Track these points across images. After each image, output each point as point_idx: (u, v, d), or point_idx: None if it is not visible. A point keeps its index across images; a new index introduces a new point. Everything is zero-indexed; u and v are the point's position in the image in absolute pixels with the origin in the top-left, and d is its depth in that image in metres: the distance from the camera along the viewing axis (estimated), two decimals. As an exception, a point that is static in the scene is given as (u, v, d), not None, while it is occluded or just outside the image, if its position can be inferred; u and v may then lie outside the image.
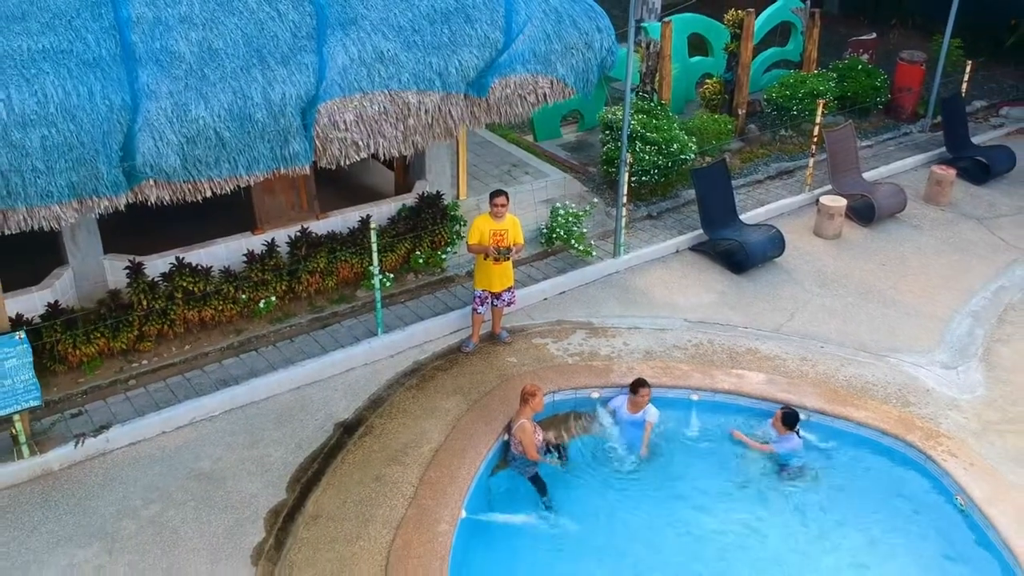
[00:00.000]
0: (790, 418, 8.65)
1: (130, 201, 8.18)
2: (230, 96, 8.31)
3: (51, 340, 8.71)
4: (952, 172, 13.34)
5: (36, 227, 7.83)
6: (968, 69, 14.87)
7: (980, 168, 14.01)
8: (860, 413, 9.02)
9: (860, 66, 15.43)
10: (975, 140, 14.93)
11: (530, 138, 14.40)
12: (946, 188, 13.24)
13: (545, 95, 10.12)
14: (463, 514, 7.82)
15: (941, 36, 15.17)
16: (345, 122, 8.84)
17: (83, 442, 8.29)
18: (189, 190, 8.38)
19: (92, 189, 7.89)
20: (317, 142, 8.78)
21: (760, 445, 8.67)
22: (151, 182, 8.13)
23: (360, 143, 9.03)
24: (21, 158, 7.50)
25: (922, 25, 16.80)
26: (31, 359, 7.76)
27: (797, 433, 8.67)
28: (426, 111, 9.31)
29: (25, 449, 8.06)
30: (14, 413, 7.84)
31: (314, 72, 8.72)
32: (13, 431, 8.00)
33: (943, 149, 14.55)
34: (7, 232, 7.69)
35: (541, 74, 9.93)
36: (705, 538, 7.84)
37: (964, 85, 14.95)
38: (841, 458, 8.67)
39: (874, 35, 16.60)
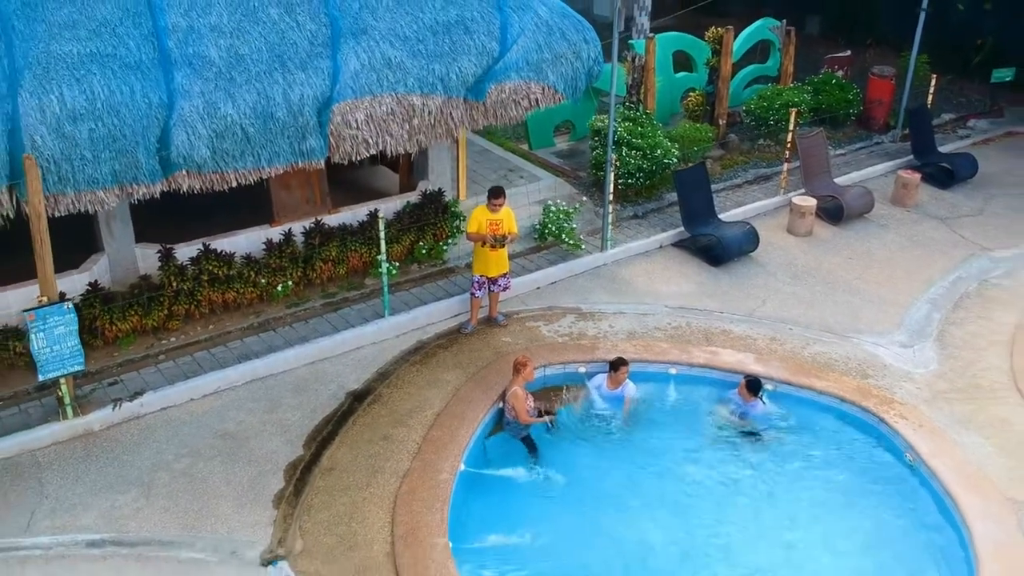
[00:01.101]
0: (754, 385, 9.55)
1: (164, 189, 9.16)
2: (254, 96, 9.31)
3: (91, 316, 9.62)
4: (917, 176, 14.32)
5: (82, 210, 8.80)
6: (933, 83, 15.89)
7: (945, 173, 14.99)
8: (822, 383, 9.93)
9: (834, 80, 16.47)
10: (943, 149, 15.92)
11: (525, 146, 15.37)
12: (912, 191, 14.22)
13: (537, 100, 11.11)
14: (462, 467, 8.71)
15: (910, 53, 16.21)
16: (356, 121, 9.83)
17: (120, 406, 9.19)
18: (217, 180, 9.35)
19: (132, 177, 8.87)
20: (331, 139, 9.77)
21: (739, 422, 9.52)
22: (184, 172, 9.11)
23: (370, 140, 10.02)
24: (71, 148, 8.48)
25: (895, 44, 17.82)
26: (77, 327, 8.67)
27: (761, 399, 9.57)
28: (429, 112, 10.31)
29: (69, 410, 8.95)
30: (61, 376, 8.74)
31: (329, 76, 9.72)
32: (59, 393, 8.90)
33: (911, 156, 15.54)
34: (57, 214, 8.64)
35: (533, 81, 10.92)
36: (678, 488, 8.72)
37: (930, 97, 15.98)
38: (803, 421, 9.56)
39: (849, 53, 17.66)
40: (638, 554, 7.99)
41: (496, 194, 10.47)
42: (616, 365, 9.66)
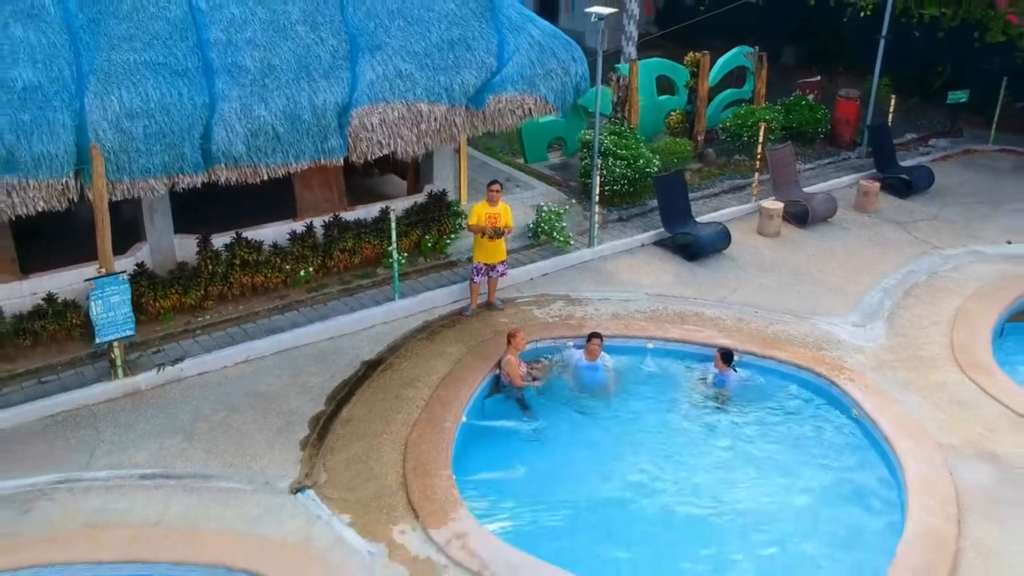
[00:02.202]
0: (727, 356, 10.80)
1: (205, 180, 10.49)
2: (284, 101, 10.67)
3: (137, 293, 10.88)
4: (877, 184, 15.68)
5: (136, 195, 10.13)
6: (893, 103, 17.31)
7: (904, 184, 16.34)
8: (782, 354, 11.18)
9: (804, 102, 17.89)
10: (904, 163, 17.29)
11: (521, 161, 16.74)
12: (872, 197, 15.56)
13: (530, 110, 12.49)
14: (463, 419, 9.94)
15: (882, 79, 17.62)
16: (371, 124, 11.20)
17: (163, 369, 10.43)
18: (250, 173, 10.69)
19: (178, 168, 10.21)
20: (350, 139, 11.13)
21: (715, 389, 10.74)
22: (222, 165, 10.44)
23: (383, 142, 11.38)
24: (128, 141, 9.82)
25: (862, 70, 19.20)
26: (130, 297, 9.94)
27: (734, 368, 10.81)
28: (435, 119, 11.67)
29: (120, 371, 10.19)
30: (115, 340, 9.99)
31: (348, 85, 11.10)
32: (112, 356, 10.14)
33: (874, 170, 16.88)
34: (114, 198, 9.95)
35: (527, 93, 12.29)
36: (651, 438, 9.94)
37: (890, 116, 17.38)
38: (766, 385, 10.79)
39: (819, 78, 19.10)
40: (611, 487, 9.19)
41: (493, 183, 11.82)
42: (590, 338, 10.89)
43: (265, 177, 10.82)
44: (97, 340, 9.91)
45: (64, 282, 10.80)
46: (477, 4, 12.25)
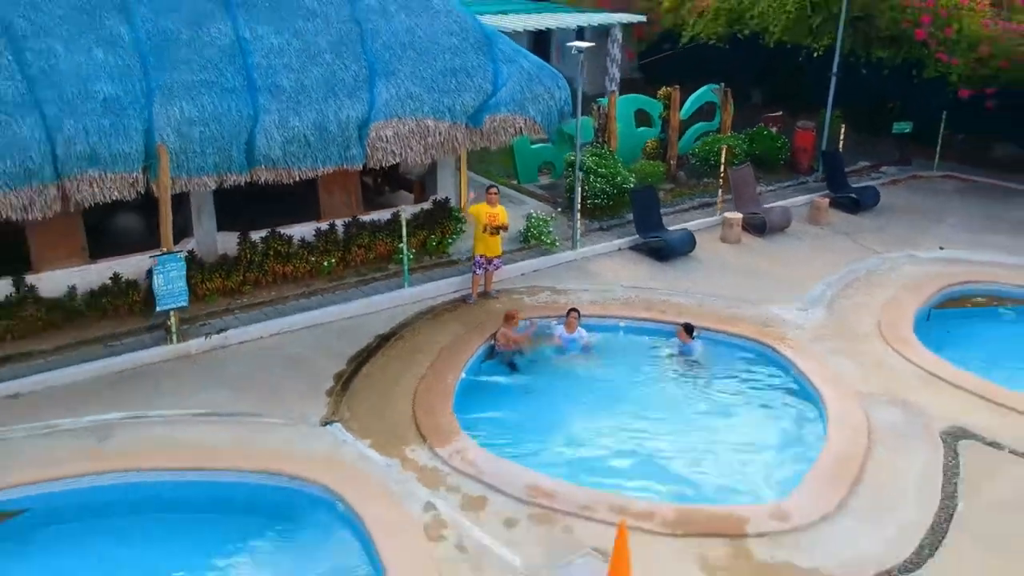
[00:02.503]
0: (689, 328, 12.72)
1: (247, 180, 12.52)
2: (314, 115, 12.76)
3: (187, 277, 12.83)
4: (827, 200, 17.77)
5: (191, 190, 12.17)
6: (843, 132, 19.48)
7: (853, 202, 18.41)
8: (735, 328, 13.11)
9: (766, 132, 20.07)
10: (854, 185, 19.38)
11: (515, 182, 18.82)
12: (823, 212, 17.62)
13: (521, 128, 14.56)
14: (463, 375, 11.82)
15: (835, 112, 19.81)
16: (386, 136, 13.27)
17: (210, 337, 12.35)
18: (284, 175, 12.72)
19: (226, 168, 12.24)
20: (368, 148, 13.18)
21: (679, 356, 12.67)
22: (262, 167, 12.48)
23: (395, 151, 13.44)
24: (186, 144, 11.86)
25: (820, 106, 21.33)
26: (185, 273, 11.91)
27: (694, 338, 12.74)
28: (440, 133, 13.74)
29: (175, 337, 12.11)
30: (172, 309, 11.94)
31: (367, 103, 13.19)
32: (168, 323, 12.07)
33: (827, 190, 18.97)
34: (174, 192, 11.96)
35: (518, 114, 14.38)
36: (620, 392, 11.83)
37: (841, 144, 19.53)
38: (720, 352, 12.72)
39: (780, 113, 21.32)
40: (584, 428, 11.06)
41: (491, 187, 13.88)
42: (568, 312, 12.84)
43: (297, 179, 12.86)
44: (158, 308, 11.87)
45: (126, 266, 12.76)
46: (475, 39, 14.43)
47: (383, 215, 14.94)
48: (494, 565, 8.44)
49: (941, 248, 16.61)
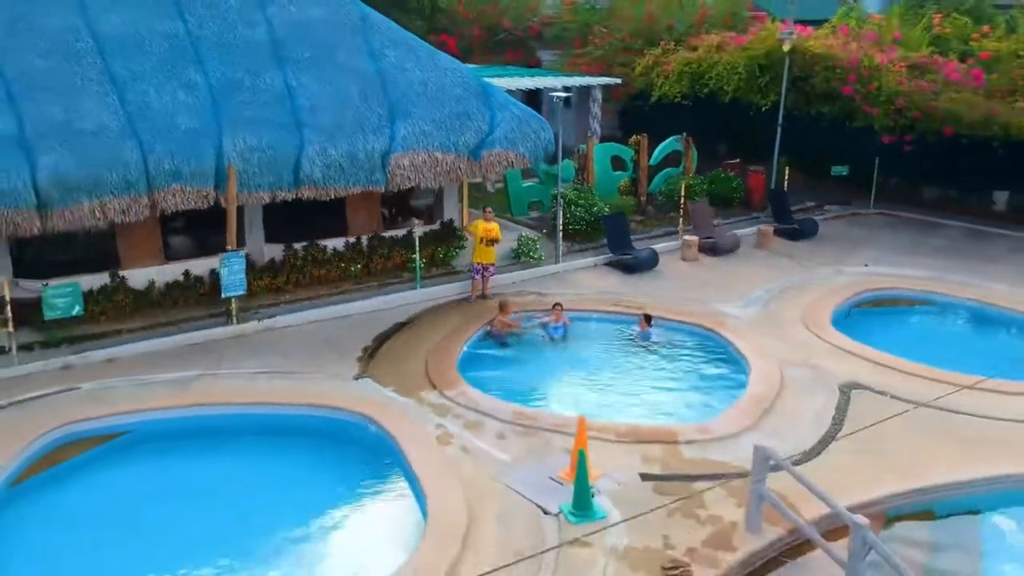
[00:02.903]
0: (648, 318, 15.72)
1: (294, 197, 15.62)
2: (346, 146, 15.92)
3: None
4: (772, 229, 20.91)
5: (250, 204, 15.26)
6: (787, 174, 22.73)
7: (795, 231, 21.53)
8: (685, 319, 16.10)
9: (724, 176, 23.32)
10: (797, 218, 22.51)
11: (509, 215, 21.96)
12: (768, 238, 20.74)
13: (512, 162, 17.71)
14: (464, 349, 14.76)
15: (784, 158, 23.08)
16: (403, 164, 16.40)
17: (262, 320, 15.31)
18: (323, 193, 15.84)
19: (278, 186, 15.36)
20: (389, 174, 16.32)
21: (640, 340, 15.63)
22: (306, 187, 15.60)
23: (411, 177, 16.56)
24: (248, 167, 15.00)
25: (770, 153, 24.55)
26: (244, 267, 14.92)
27: (652, 326, 15.71)
28: (446, 164, 16.87)
29: (234, 319, 15.07)
30: (233, 296, 14.92)
31: (388, 138, 16.36)
32: (229, 308, 15.04)
33: (774, 222, 22.12)
34: (238, 205, 15.04)
35: (510, 150, 17.54)
36: (592, 364, 14.77)
37: (786, 183, 22.75)
38: (672, 335, 15.68)
39: (737, 160, 24.61)
40: (559, 382, 13.99)
41: (487, 208, 17.00)
42: (554, 306, 15.83)
43: (332, 197, 15.97)
44: (223, 295, 14.86)
45: (194, 266, 15.78)
46: (475, 90, 17.69)
47: (399, 232, 18.01)
48: (490, 460, 11.30)
49: (866, 265, 19.67)
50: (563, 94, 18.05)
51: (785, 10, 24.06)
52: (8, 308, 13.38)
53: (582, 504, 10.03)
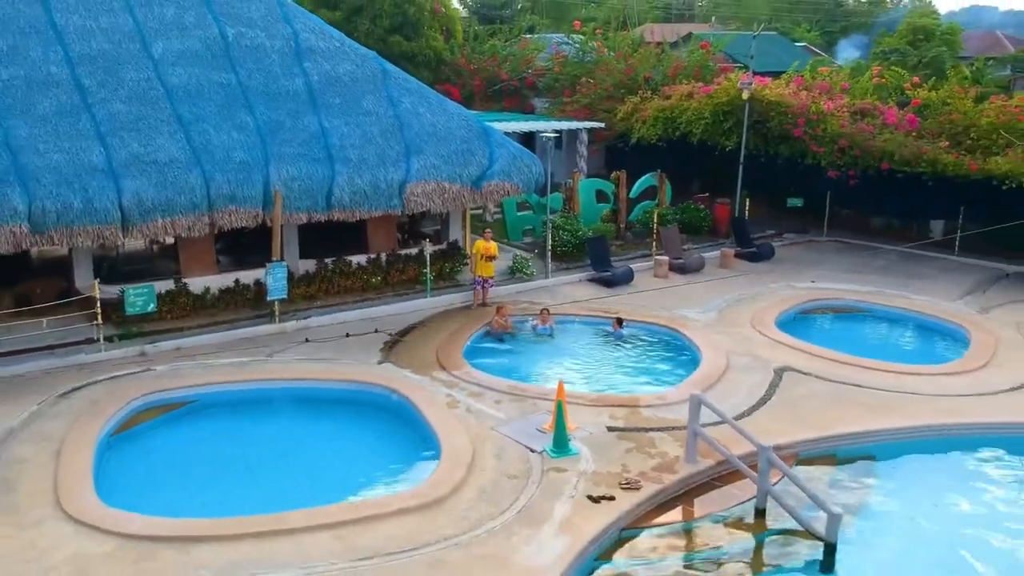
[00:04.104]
0: (620, 320, 18.58)
1: (327, 219, 18.57)
2: (370, 177, 18.89)
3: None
4: (733, 252, 23.84)
5: (289, 224, 18.20)
6: (748, 205, 25.71)
7: (754, 254, 24.46)
8: (653, 321, 18.95)
9: (693, 207, 26.32)
10: (757, 243, 25.45)
11: (506, 240, 24.89)
12: (729, 259, 23.66)
13: (508, 192, 20.70)
14: (468, 342, 17.58)
15: (746, 192, 26.08)
16: (417, 192, 19.35)
17: (299, 320, 18.16)
18: (350, 215, 18.79)
19: (314, 208, 18.30)
20: (405, 201, 19.27)
21: (613, 339, 18.46)
22: (336, 210, 18.55)
23: (423, 203, 19.52)
24: (290, 192, 17.94)
25: (734, 187, 27.52)
26: (286, 275, 17.80)
27: (623, 327, 18.56)
28: (453, 192, 19.81)
29: (276, 319, 17.91)
30: (276, 299, 17.78)
31: (405, 170, 19.33)
32: (273, 309, 17.89)
33: (736, 246, 25.05)
34: (281, 224, 17.97)
35: (507, 181, 20.52)
36: (575, 355, 17.61)
37: (747, 213, 25.72)
38: (641, 334, 18.52)
39: (707, 194, 27.63)
40: (546, 367, 16.80)
41: (487, 229, 19.96)
42: (541, 312, 18.69)
43: (358, 219, 18.92)
44: (268, 298, 17.73)
45: (243, 276, 18.67)
46: (477, 131, 20.68)
47: (412, 250, 20.93)
48: (488, 417, 14.07)
49: (812, 282, 22.56)
50: (552, 135, 21.08)
51: (759, 62, 27.24)
52: (98, 305, 16.21)
53: (560, 444, 12.81)
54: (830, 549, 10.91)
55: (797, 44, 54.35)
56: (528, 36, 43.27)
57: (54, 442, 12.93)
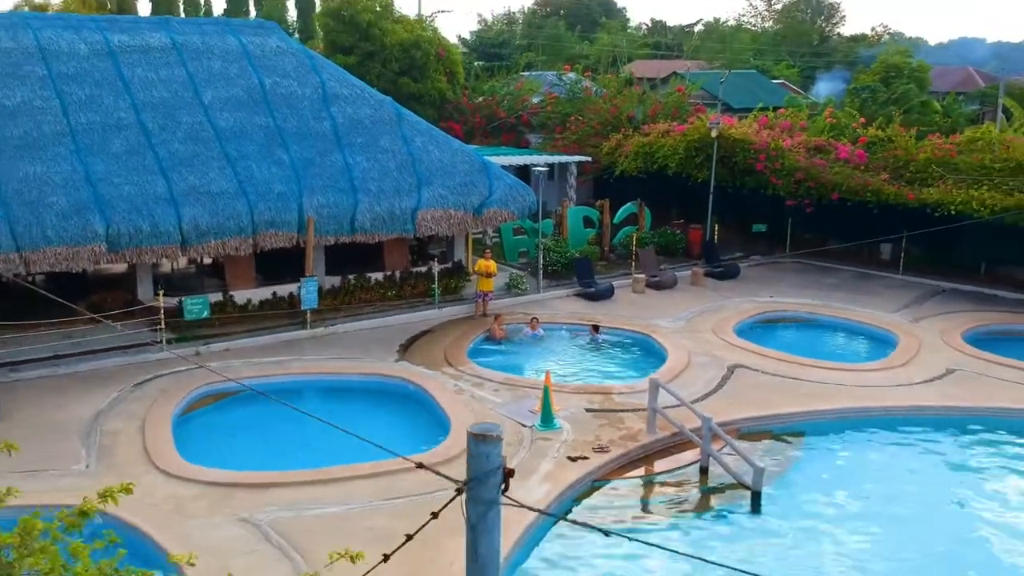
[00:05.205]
0: (596, 327, 21.55)
1: (350, 241, 21.58)
2: (387, 205, 21.93)
3: (312, 296, 21.66)
4: (702, 271, 26.86)
5: (319, 245, 21.22)
6: (718, 230, 28.77)
7: (722, 273, 27.47)
8: (628, 327, 21.93)
9: (669, 231, 29.37)
10: (725, 263, 28.45)
11: (503, 261, 27.87)
12: (699, 277, 26.65)
13: (505, 218, 23.77)
14: (471, 345, 20.53)
15: (716, 218, 29.15)
16: (427, 218, 22.39)
17: (327, 327, 21.11)
18: (370, 238, 21.81)
19: (340, 232, 21.34)
20: (416, 225, 22.30)
21: (590, 344, 21.42)
22: (359, 233, 21.58)
23: (432, 228, 22.56)
24: (320, 218, 20.97)
25: (705, 214, 30.61)
26: (316, 288, 20.77)
27: (599, 333, 21.51)
28: (458, 218, 22.87)
29: (308, 326, 20.86)
30: (308, 308, 20.73)
31: (416, 199, 22.38)
32: (305, 318, 20.85)
33: (706, 265, 28.06)
34: (316, 244, 20.97)
35: (504, 208, 23.58)
36: (558, 354, 20.56)
37: (716, 237, 28.77)
38: (616, 339, 21.49)
39: (682, 220, 30.70)
40: (534, 365, 19.73)
41: (486, 249, 22.99)
42: (532, 319, 21.66)
43: (376, 241, 21.94)
44: (302, 307, 20.68)
45: (280, 289, 21.64)
46: (478, 165, 23.74)
47: (422, 268, 23.93)
48: (488, 402, 17.00)
49: (771, 297, 25.55)
50: (544, 168, 24.16)
51: (736, 98, 30.34)
52: (161, 312, 19.17)
53: (546, 420, 15.73)
54: (756, 496, 13.81)
55: (775, 80, 57.79)
56: (525, 74, 46.59)
57: (137, 419, 15.83)
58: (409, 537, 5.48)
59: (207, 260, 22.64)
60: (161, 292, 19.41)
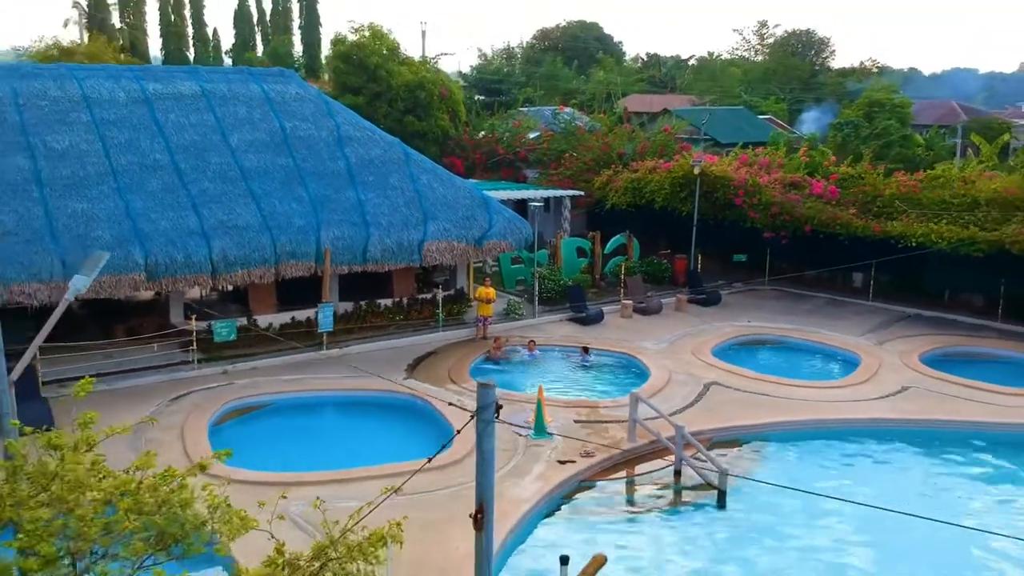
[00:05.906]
0: (586, 348, 23.47)
1: (362, 270, 23.56)
2: (396, 237, 23.92)
3: (327, 320, 23.60)
4: (686, 298, 28.82)
5: (334, 273, 23.20)
6: (701, 260, 30.78)
7: (704, 300, 29.42)
8: (615, 349, 23.86)
9: (656, 261, 31.37)
10: (708, 291, 30.40)
11: (502, 288, 29.83)
12: (683, 303, 28.60)
13: (504, 248, 25.78)
14: (472, 364, 22.44)
15: (700, 249, 31.14)
16: (432, 249, 24.36)
17: (341, 348, 23.03)
18: (380, 268, 23.80)
19: (353, 262, 23.33)
20: (423, 255, 24.28)
21: (580, 364, 23.34)
22: (370, 263, 23.57)
23: (437, 258, 24.55)
24: (336, 249, 22.97)
25: (689, 245, 32.60)
26: (332, 313, 22.71)
27: (588, 354, 23.44)
28: (460, 249, 24.86)
29: (324, 347, 22.79)
30: (325, 331, 22.67)
31: (423, 232, 24.38)
32: (321, 340, 22.78)
33: (690, 292, 30.02)
34: (332, 273, 22.94)
35: (503, 240, 25.58)
36: (552, 373, 22.47)
37: (699, 267, 30.77)
38: (605, 360, 23.41)
39: (669, 251, 32.71)
40: (529, 382, 21.65)
41: (486, 277, 24.99)
42: (529, 342, 23.59)
43: (386, 270, 23.92)
44: (319, 330, 22.62)
45: (299, 314, 23.59)
46: (479, 200, 25.77)
47: (427, 295, 25.89)
48: (488, 415, 18.90)
49: (749, 321, 27.50)
50: (540, 203, 26.21)
51: (724, 134, 32.40)
52: (193, 335, 21.09)
53: (539, 429, 17.63)
54: (722, 494, 15.69)
55: (762, 116, 60.04)
56: (523, 109, 48.84)
57: (176, 429, 17.71)
58: (444, 446, 7.37)
59: (230, 287, 24.57)
60: (194, 317, 21.33)
